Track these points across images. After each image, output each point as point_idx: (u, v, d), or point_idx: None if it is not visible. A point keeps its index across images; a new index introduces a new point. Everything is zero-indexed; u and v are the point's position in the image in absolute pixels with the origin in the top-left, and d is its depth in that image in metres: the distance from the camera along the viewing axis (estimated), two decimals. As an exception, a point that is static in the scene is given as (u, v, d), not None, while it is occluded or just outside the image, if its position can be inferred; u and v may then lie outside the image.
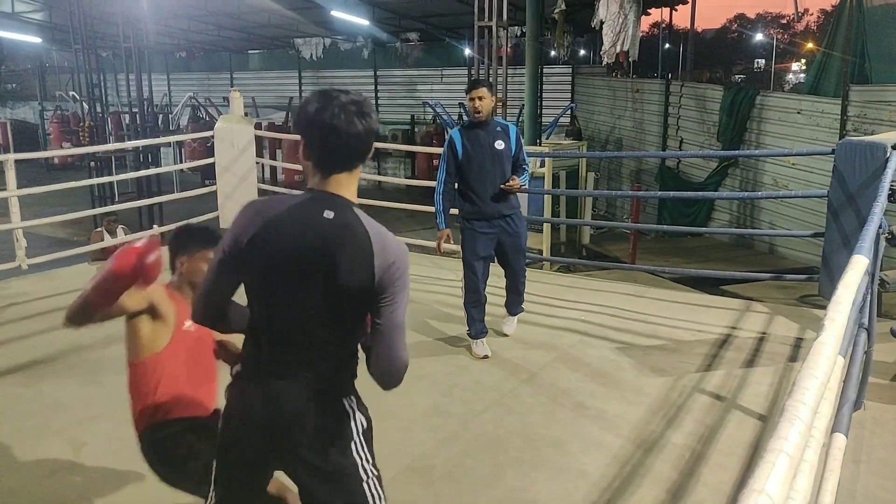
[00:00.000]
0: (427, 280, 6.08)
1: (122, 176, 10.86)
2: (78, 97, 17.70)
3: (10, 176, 5.83)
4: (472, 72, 10.29)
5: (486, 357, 4.34)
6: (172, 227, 7.11)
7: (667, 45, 21.17)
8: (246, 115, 8.04)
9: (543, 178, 10.91)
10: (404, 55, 22.47)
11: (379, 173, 21.64)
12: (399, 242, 1.78)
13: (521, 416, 3.60)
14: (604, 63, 13.52)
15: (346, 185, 1.78)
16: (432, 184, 6.05)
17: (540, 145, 12.12)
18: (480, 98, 4.24)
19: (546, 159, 11.67)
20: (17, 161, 5.99)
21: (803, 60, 31.29)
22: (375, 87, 23.15)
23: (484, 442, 3.34)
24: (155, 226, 7.17)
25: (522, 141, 4.51)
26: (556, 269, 9.12)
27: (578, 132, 17.45)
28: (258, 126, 8.16)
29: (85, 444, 3.26)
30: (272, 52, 24.89)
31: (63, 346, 4.45)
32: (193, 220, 2.61)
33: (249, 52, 25.58)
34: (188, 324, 2.14)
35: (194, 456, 2.09)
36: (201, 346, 2.16)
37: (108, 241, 6.57)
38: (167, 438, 2.15)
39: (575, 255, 12.17)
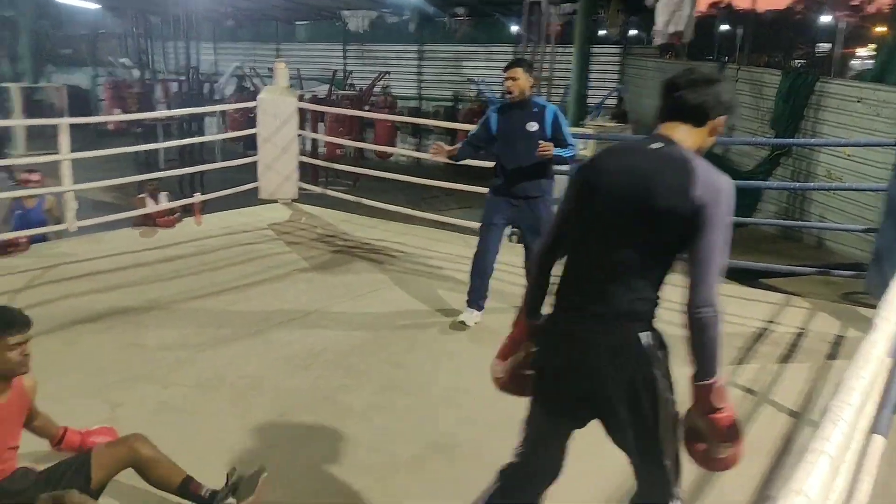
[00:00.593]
0: (459, 259, 6.07)
1: (167, 143, 11.07)
2: (128, 64, 18.02)
3: (64, 140, 5.97)
4: (520, 49, 10.15)
5: (463, 325, 4.42)
6: (213, 195, 7.24)
7: (724, 27, 20.53)
8: (290, 86, 8.07)
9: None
10: (451, 30, 22.26)
11: (419, 150, 21.61)
12: (725, 179, 1.85)
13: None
14: (656, 44, 13.17)
15: (684, 134, 1.92)
16: (472, 163, 6.02)
17: (584, 127, 11.95)
18: (514, 78, 4.24)
19: (589, 141, 11.50)
20: (70, 125, 6.13)
21: (871, 45, 29.95)
22: (420, 62, 23.03)
23: (509, 423, 3.32)
24: (197, 194, 7.28)
25: (564, 121, 4.41)
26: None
27: (624, 115, 17.13)
28: (301, 98, 8.19)
29: (121, 405, 3.36)
30: (318, 23, 24.89)
31: (104, 308, 4.58)
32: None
33: (296, 22, 25.63)
34: None
35: None
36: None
37: (151, 207, 6.70)
38: None
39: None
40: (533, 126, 4.28)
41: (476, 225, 6.94)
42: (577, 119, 11.52)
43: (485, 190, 7.05)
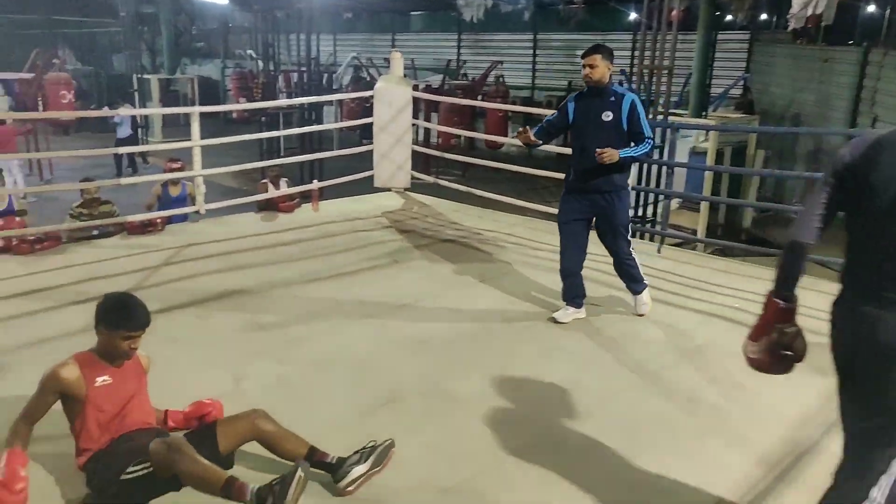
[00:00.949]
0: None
1: (288, 131, 11.53)
2: (254, 55, 18.95)
3: (195, 127, 6.37)
4: (638, 37, 9.81)
5: (555, 322, 4.32)
6: (330, 182, 7.50)
7: (871, 8, 18.86)
8: (405, 76, 8.21)
9: (706, 153, 10.29)
10: (566, 18, 21.86)
11: (531, 140, 21.44)
12: None
13: (661, 401, 3.47)
14: (789, 28, 12.30)
15: None
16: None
17: (706, 118, 11.41)
18: (592, 66, 4.10)
19: (711, 133, 10.99)
20: (200, 114, 6.53)
21: None
22: (534, 50, 22.80)
23: (619, 422, 3.26)
24: (315, 181, 7.56)
25: (642, 111, 4.18)
26: (710, 251, 8.62)
27: (750, 105, 16.19)
28: (416, 88, 8.31)
29: (244, 378, 3.55)
30: (433, 13, 25.17)
31: (232, 286, 4.86)
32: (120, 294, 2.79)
33: (411, 13, 26.04)
34: (99, 381, 2.58)
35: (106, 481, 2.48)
36: (115, 390, 2.61)
37: (273, 193, 7.03)
38: (101, 482, 2.50)
39: (733, 239, 11.44)
40: (608, 116, 4.11)
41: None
42: (698, 110, 11.01)
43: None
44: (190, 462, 2.35)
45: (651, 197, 9.53)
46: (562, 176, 6.69)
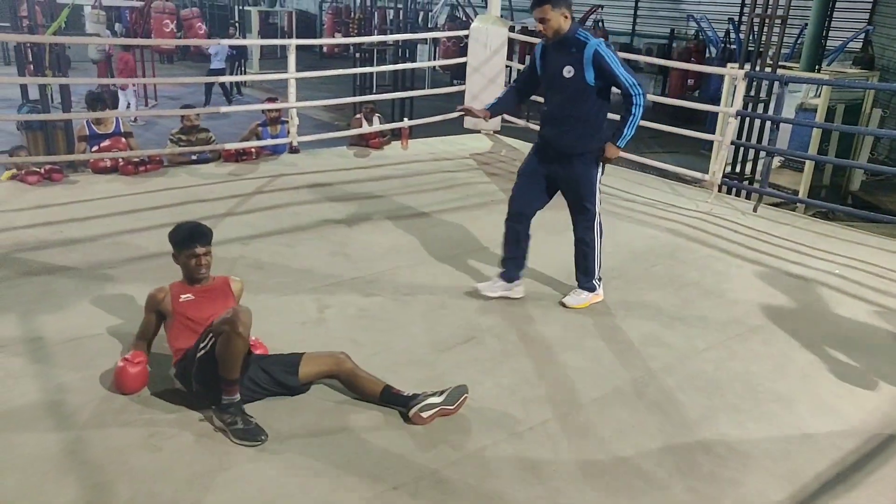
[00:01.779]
0: (661, 205, 5.78)
1: (381, 68, 11.57)
2: (352, -10, 18.95)
3: (291, 60, 6.46)
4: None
5: (476, 293, 3.82)
6: (420, 121, 7.48)
7: None
8: (501, 16, 8.00)
9: (815, 109, 9.65)
10: (674, -40, 20.65)
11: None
12: None
13: (746, 362, 3.36)
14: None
15: None
16: (684, 104, 5.59)
17: (818, 72, 10.65)
18: (542, 20, 3.44)
19: (823, 89, 10.27)
20: (296, 48, 6.60)
21: None
22: (637, -6, 21.71)
23: (700, 381, 3.18)
24: (406, 118, 7.57)
25: (611, 58, 3.42)
26: (811, 213, 8.16)
27: (871, 61, 14.96)
28: (512, 29, 8.10)
29: (328, 307, 3.66)
30: (535, -48, 24.24)
31: (318, 218, 4.98)
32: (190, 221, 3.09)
33: (512, -49, 25.19)
34: (183, 297, 2.88)
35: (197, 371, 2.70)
36: (200, 304, 2.88)
37: (365, 128, 7.08)
38: (184, 363, 2.77)
39: (838, 202, 10.77)
40: (569, 71, 3.47)
41: (682, 171, 6.58)
42: (810, 63, 10.26)
43: (695, 134, 6.62)
44: (235, 333, 2.52)
45: (751, 153, 9.06)
46: (656, 126, 6.45)
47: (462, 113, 4.17)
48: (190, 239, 2.89)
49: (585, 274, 3.83)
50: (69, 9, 7.16)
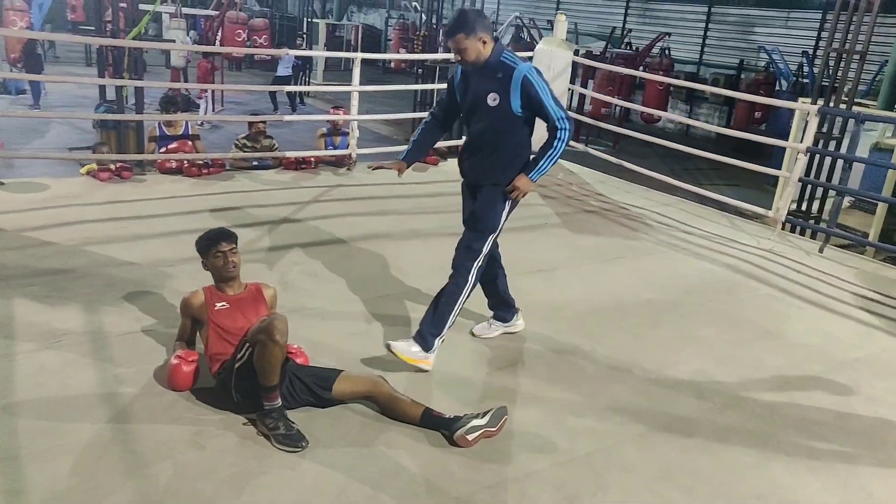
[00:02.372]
0: (719, 239, 5.63)
1: (443, 85, 11.62)
2: (419, 8, 19.21)
3: (356, 73, 6.56)
4: (828, 17, 8.91)
5: (473, 335, 3.57)
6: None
7: None
8: (566, 40, 7.97)
9: (892, 150, 9.28)
10: (747, -10, 20.30)
11: (690, 118, 20.31)
12: None
13: (804, 409, 3.22)
14: None
15: None
16: (750, 136, 5.44)
17: None
18: (459, 50, 3.08)
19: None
20: (361, 61, 6.70)
21: None
22: (706, 24, 21.38)
23: (753, 423, 3.06)
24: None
25: (540, 87, 3.12)
26: (881, 257, 7.82)
27: (951, 102, 14.37)
28: (576, 53, 8.06)
29: (375, 320, 3.67)
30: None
31: (375, 230, 5.02)
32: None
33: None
34: (218, 305, 2.92)
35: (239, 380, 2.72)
36: (233, 313, 2.93)
37: (423, 144, 7.12)
38: (223, 375, 2.80)
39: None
40: (494, 99, 3.13)
41: (745, 205, 6.40)
42: (888, 101, 9.91)
43: (760, 168, 6.43)
44: (271, 341, 2.54)
45: (818, 191, 8.75)
46: (719, 158, 6.30)
47: (377, 168, 3.71)
48: (215, 240, 2.97)
49: (433, 323, 3.22)
50: (150, 15, 7.45)
